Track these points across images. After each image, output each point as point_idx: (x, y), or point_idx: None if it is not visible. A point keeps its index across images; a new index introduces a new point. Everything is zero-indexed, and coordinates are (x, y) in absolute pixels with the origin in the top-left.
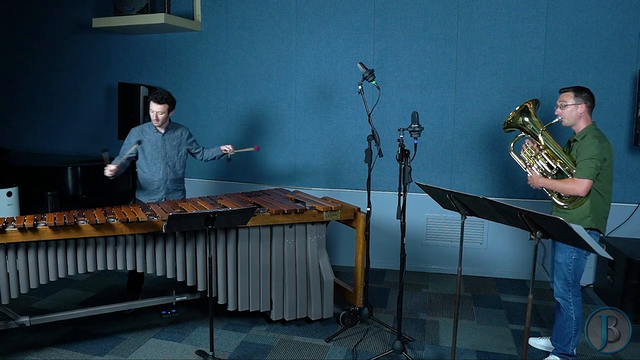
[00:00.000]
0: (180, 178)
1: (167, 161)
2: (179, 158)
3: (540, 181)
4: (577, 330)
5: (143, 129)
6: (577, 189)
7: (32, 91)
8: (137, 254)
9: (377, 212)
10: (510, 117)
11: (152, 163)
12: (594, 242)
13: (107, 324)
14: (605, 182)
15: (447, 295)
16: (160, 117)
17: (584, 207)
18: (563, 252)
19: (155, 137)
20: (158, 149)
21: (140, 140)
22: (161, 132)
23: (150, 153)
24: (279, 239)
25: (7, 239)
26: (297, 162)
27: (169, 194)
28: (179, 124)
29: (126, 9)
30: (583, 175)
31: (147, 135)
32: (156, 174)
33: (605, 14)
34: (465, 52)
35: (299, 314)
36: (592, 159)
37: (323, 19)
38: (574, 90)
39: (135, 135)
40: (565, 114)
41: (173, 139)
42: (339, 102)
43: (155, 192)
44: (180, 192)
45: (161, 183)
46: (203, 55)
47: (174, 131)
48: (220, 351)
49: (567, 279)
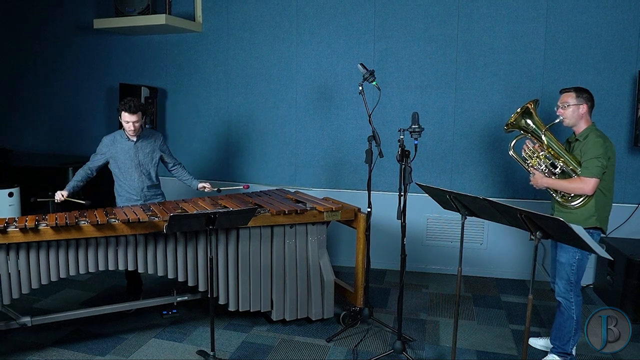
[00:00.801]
0: (156, 184)
1: (141, 169)
2: (153, 165)
3: (545, 181)
4: (577, 329)
5: (115, 138)
6: (584, 187)
7: (34, 92)
8: (138, 254)
9: (377, 213)
10: (513, 118)
11: (127, 172)
12: (594, 243)
13: (109, 324)
14: (609, 180)
15: (447, 296)
16: (137, 126)
17: (588, 206)
18: (567, 252)
19: (128, 145)
20: (131, 157)
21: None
22: (133, 140)
23: (124, 162)
24: (279, 240)
25: (9, 239)
26: (297, 163)
27: (148, 201)
28: (152, 130)
29: (127, 10)
30: (590, 174)
31: (119, 144)
32: (131, 183)
33: (605, 15)
34: (466, 53)
35: (299, 314)
36: (598, 157)
37: (324, 19)
38: (575, 90)
39: (106, 145)
40: (567, 115)
41: (146, 146)
42: (339, 102)
43: (134, 201)
44: (159, 196)
45: (138, 191)
46: (204, 56)
47: (146, 138)
48: (221, 351)
49: (569, 279)
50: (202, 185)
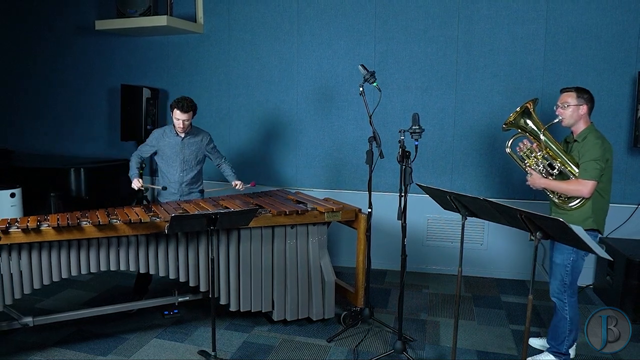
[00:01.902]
0: (195, 180)
1: (183, 166)
2: (197, 162)
3: (542, 182)
4: (572, 330)
5: (164, 132)
6: (582, 190)
7: (36, 93)
8: (139, 255)
9: (378, 213)
10: (512, 117)
11: (170, 166)
12: (593, 243)
13: (110, 324)
14: (606, 182)
15: (447, 296)
16: (186, 124)
17: (585, 208)
18: (562, 253)
19: (175, 140)
20: (176, 152)
21: (141, 165)
22: (181, 136)
23: (169, 156)
24: (280, 240)
25: (11, 240)
26: (298, 163)
27: (184, 196)
28: (201, 129)
29: (129, 11)
30: (589, 176)
31: (167, 138)
32: (173, 176)
33: (604, 16)
34: (466, 54)
35: (300, 314)
36: (596, 160)
37: (324, 21)
38: (576, 90)
39: (156, 137)
40: (567, 115)
41: (192, 144)
42: (340, 103)
43: (171, 194)
44: (196, 193)
45: (177, 185)
46: (205, 57)
47: (194, 136)
48: (222, 351)
49: (563, 279)
50: (235, 183)
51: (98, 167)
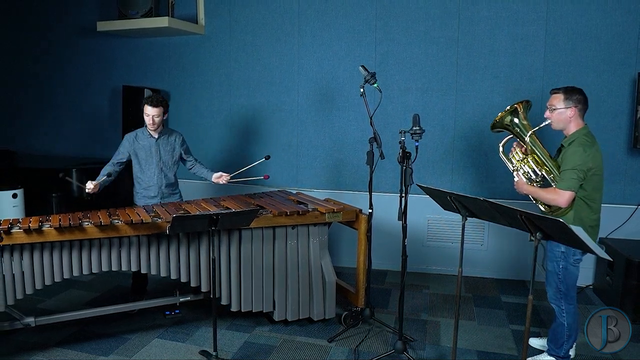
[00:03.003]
0: (173, 183)
1: (161, 166)
2: (174, 163)
3: (525, 188)
4: (570, 336)
5: (137, 135)
6: (558, 200)
7: (38, 94)
8: (141, 255)
9: (378, 214)
10: (499, 117)
11: (147, 168)
12: (593, 244)
13: (112, 324)
14: (592, 190)
15: (447, 296)
16: (157, 120)
17: (567, 217)
18: (552, 261)
19: (149, 142)
20: (152, 154)
21: (110, 173)
22: (155, 137)
23: (145, 159)
24: (281, 240)
25: (13, 240)
26: (299, 164)
27: (165, 198)
28: (173, 129)
29: (130, 12)
30: (565, 186)
31: (140, 141)
32: (151, 179)
33: (604, 18)
34: (466, 55)
35: (301, 314)
36: (574, 169)
37: (325, 22)
38: (565, 92)
39: (129, 141)
40: (554, 118)
41: (167, 144)
42: (341, 104)
43: (151, 198)
44: (176, 195)
45: (156, 188)
46: (206, 58)
47: (168, 136)
48: (223, 351)
49: (557, 287)
50: (218, 175)
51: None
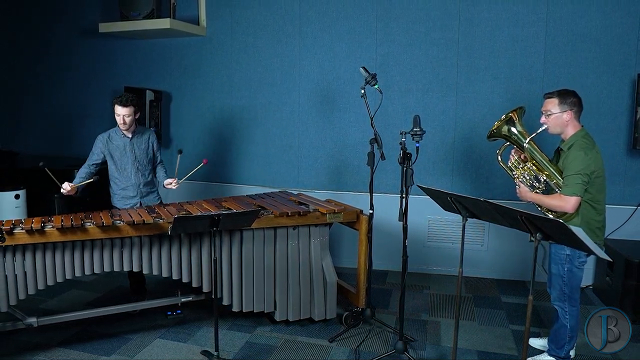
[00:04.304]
0: (150, 181)
1: (137, 165)
2: (149, 161)
3: (529, 195)
4: (572, 337)
5: (110, 135)
6: (565, 206)
7: (40, 95)
8: (143, 256)
9: (379, 214)
10: (495, 126)
11: (123, 169)
12: (593, 244)
13: (114, 324)
14: (596, 192)
15: (448, 296)
16: (127, 120)
17: (574, 221)
18: (556, 264)
19: (123, 142)
20: (127, 154)
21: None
22: (129, 136)
23: (120, 159)
24: (282, 241)
25: (15, 241)
26: (300, 165)
27: (144, 198)
28: (145, 127)
29: (132, 14)
30: (570, 192)
31: (114, 141)
32: (128, 180)
33: (604, 19)
34: (467, 57)
35: (302, 314)
36: (578, 174)
37: (326, 24)
38: (559, 96)
39: (102, 142)
40: (550, 123)
41: (141, 142)
42: (341, 105)
43: (130, 198)
44: (154, 194)
45: (135, 187)
46: (208, 59)
47: (141, 135)
48: (224, 351)
49: (562, 289)
50: (168, 182)
51: (102, 168)
